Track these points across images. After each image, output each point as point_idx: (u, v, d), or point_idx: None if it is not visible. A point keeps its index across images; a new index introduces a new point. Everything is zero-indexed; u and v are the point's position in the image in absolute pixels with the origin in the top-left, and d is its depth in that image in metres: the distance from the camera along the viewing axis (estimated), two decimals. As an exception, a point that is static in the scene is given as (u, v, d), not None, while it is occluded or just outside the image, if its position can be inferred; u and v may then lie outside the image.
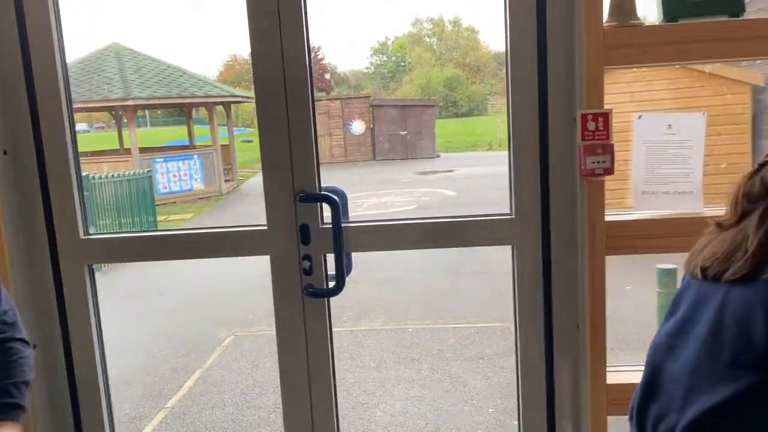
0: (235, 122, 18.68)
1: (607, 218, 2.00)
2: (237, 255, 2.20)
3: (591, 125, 1.95)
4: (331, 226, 2.09)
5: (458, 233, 2.16)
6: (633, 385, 2.09)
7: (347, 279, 2.12)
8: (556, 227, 2.08)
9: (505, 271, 2.23)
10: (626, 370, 2.15)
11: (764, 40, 1.89)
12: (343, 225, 2.09)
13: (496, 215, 2.16)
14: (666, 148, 2.05)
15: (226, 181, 15.53)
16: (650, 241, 2.06)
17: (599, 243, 2.00)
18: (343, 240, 2.08)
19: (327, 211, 2.12)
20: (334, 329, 2.26)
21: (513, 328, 2.24)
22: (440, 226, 2.18)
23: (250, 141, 20.15)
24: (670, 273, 2.85)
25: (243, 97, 17.62)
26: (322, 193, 2.09)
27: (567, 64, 2.00)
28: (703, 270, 1.17)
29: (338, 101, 19.47)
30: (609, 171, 1.96)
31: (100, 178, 9.83)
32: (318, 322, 2.17)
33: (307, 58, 2.06)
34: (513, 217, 2.11)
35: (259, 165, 2.14)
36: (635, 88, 7.95)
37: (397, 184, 12.50)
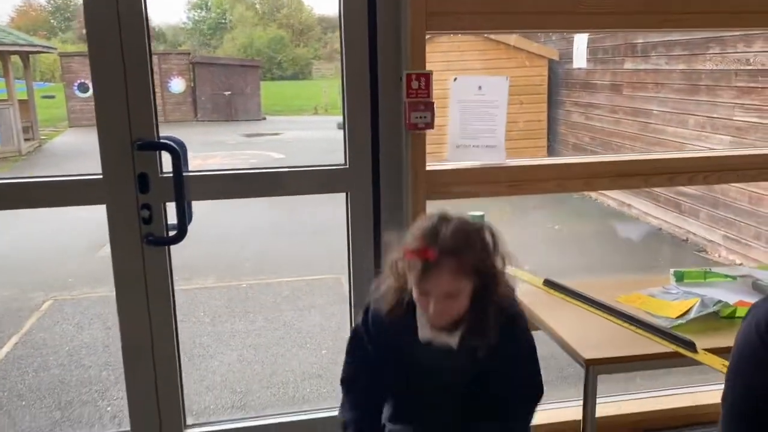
0: (34, 76, 16.83)
1: (428, 167, 2.28)
2: (71, 204, 2.14)
3: (414, 84, 2.19)
4: (171, 175, 2.12)
5: (297, 182, 2.30)
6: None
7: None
8: (385, 175, 2.30)
9: (332, 228, 2.40)
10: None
11: (560, 15, 2.24)
12: (183, 174, 2.13)
13: (332, 165, 2.34)
14: (477, 107, 2.35)
15: (26, 140, 14.04)
16: (463, 187, 2.37)
17: (421, 189, 2.27)
18: (185, 187, 2.12)
19: (167, 160, 2.14)
20: None
21: (344, 279, 2.44)
22: (279, 176, 2.31)
23: (53, 96, 18.27)
24: (478, 219, 3.27)
25: (43, 46, 15.88)
26: (161, 141, 2.11)
27: (394, 28, 2.20)
28: None
29: (155, 56, 18.27)
30: (430, 125, 2.21)
31: None
32: (159, 271, 2.20)
33: (143, 5, 2.05)
34: (347, 166, 2.29)
35: (64, 124, 2.10)
36: (451, 57, 8.52)
37: (222, 146, 12.21)
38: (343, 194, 2.32)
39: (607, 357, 1.62)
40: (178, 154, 2.11)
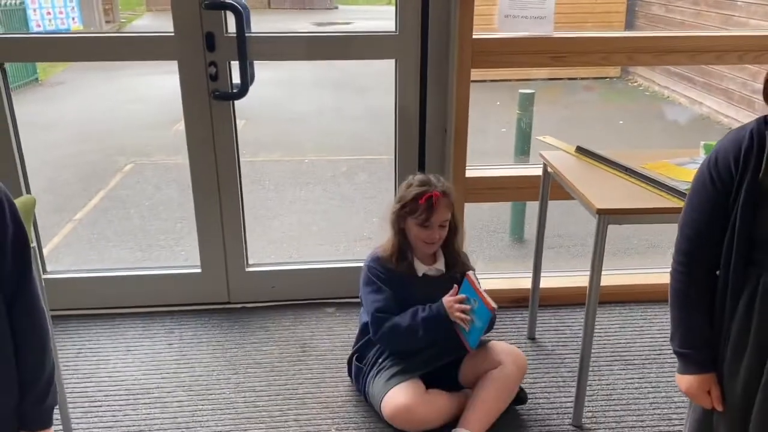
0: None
1: (475, 36, 2.37)
2: (145, 59, 2.39)
3: (465, -49, 2.24)
4: (235, 35, 2.31)
5: (349, 46, 2.45)
6: (486, 178, 2.59)
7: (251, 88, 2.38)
8: (433, 43, 2.41)
9: (388, 113, 2.54)
10: (481, 168, 2.64)
11: None
12: (246, 34, 2.31)
13: (382, 32, 2.46)
14: (526, -21, 2.39)
15: (106, 22, 14.46)
16: (508, 57, 2.46)
17: (466, 57, 2.37)
18: (247, 47, 2.31)
19: (232, 22, 2.32)
20: None
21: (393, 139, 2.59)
22: (333, 40, 2.46)
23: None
24: (529, 97, 3.33)
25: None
26: (227, 1, 2.28)
27: None
28: None
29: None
30: (477, -8, 2.29)
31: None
32: (225, 122, 2.45)
33: None
34: (397, 33, 2.41)
35: (142, 8, 2.27)
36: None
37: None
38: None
39: (616, 208, 1.77)
40: (242, 15, 2.28)
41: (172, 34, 2.33)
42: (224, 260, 2.64)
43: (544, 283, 2.50)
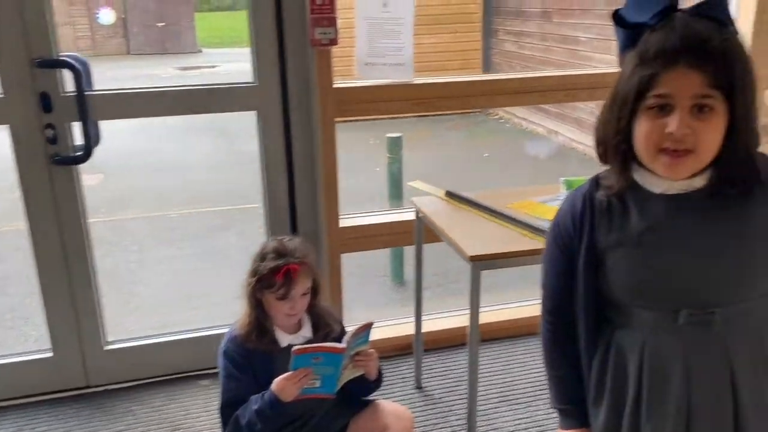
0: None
1: (336, 85, 2.32)
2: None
3: (318, 0, 2.20)
4: (74, 94, 2.11)
5: (207, 100, 2.32)
6: (360, 227, 2.53)
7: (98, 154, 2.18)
8: (293, 93, 2.33)
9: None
10: (354, 217, 2.58)
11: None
12: (87, 93, 2.12)
13: (241, 83, 2.36)
14: (383, 24, 2.39)
15: None
16: (371, 104, 2.44)
17: (328, 107, 2.32)
18: (88, 106, 2.12)
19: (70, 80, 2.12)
20: (90, 220, 2.31)
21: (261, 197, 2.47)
22: (189, 94, 2.31)
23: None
24: (396, 140, 3.35)
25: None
26: (60, 59, 2.08)
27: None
28: None
29: (80, -15, 17.27)
30: (334, 41, 2.25)
31: None
32: (67, 188, 2.21)
33: None
34: (256, 84, 2.32)
35: None
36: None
37: (155, 80, 11.78)
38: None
39: (488, 254, 1.76)
40: (79, 72, 2.09)
41: (2, 95, 2.09)
42: (78, 339, 2.37)
43: (427, 326, 2.46)
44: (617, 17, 1.07)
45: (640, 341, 1.12)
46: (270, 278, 1.75)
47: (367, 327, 1.79)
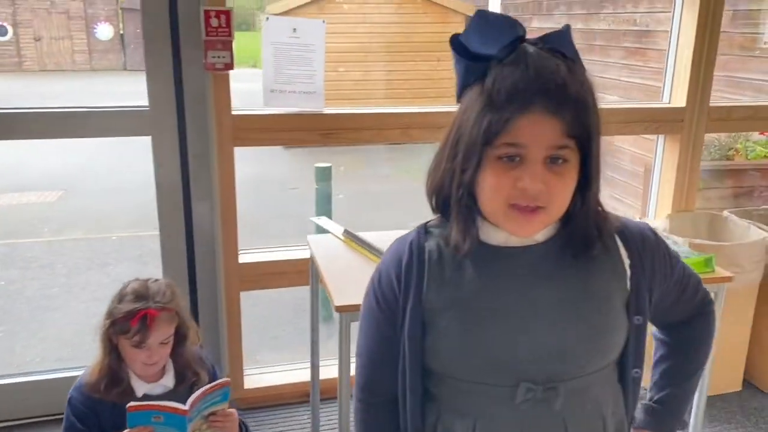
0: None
1: (235, 112, 2.18)
2: None
3: (214, 22, 2.07)
4: None
5: (99, 124, 2.18)
6: (262, 263, 2.36)
7: None
8: (190, 119, 2.19)
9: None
10: (256, 252, 2.42)
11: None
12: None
13: (133, 107, 2.21)
14: (291, 51, 2.26)
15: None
16: (276, 134, 2.29)
17: (226, 134, 2.18)
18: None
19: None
20: (32, 239, 2.15)
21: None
22: (79, 116, 2.17)
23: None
24: (326, 171, 3.21)
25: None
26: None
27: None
28: None
29: (80, 0, 17.35)
30: (229, 66, 2.11)
31: None
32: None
33: None
34: (149, 109, 2.17)
35: None
36: (367, 10, 8.35)
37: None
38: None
39: (354, 304, 1.60)
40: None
41: None
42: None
43: (325, 373, 2.28)
44: (457, 45, 0.90)
45: (471, 424, 0.95)
46: (125, 323, 1.59)
47: (223, 385, 1.63)
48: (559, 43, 0.89)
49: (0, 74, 15.38)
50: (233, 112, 2.17)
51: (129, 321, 1.58)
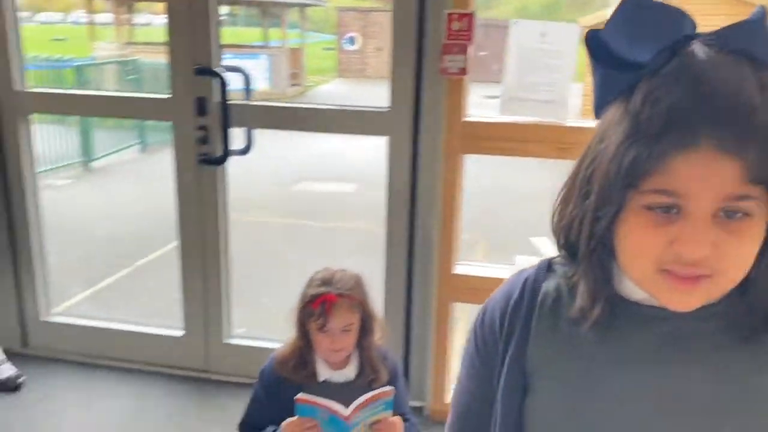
0: (307, 26, 18.55)
1: (466, 119, 2.10)
2: (138, 118, 2.45)
3: (455, 25, 2.02)
4: (233, 102, 2.28)
5: (340, 121, 2.31)
6: (474, 278, 2.25)
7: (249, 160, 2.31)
8: (426, 122, 2.18)
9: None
10: (471, 265, 2.31)
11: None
12: (231, 102, 2.27)
13: (374, 107, 2.29)
14: (538, 57, 2.09)
15: (292, 85, 15.72)
16: (508, 144, 2.14)
17: (456, 141, 2.11)
18: (229, 114, 2.27)
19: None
20: (318, 223, 2.47)
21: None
22: (324, 113, 2.33)
23: (332, 49, 19.99)
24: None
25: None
26: (215, 69, 2.27)
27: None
28: None
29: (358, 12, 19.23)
30: (463, 71, 2.04)
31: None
32: (210, 187, 2.40)
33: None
34: (389, 110, 2.23)
35: (335, 73, 2.36)
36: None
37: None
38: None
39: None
40: (225, 84, 2.25)
41: (170, 95, 2.35)
42: (204, 328, 2.56)
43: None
44: (595, 45, 0.66)
45: None
46: (309, 306, 1.67)
47: (387, 395, 1.58)
48: (748, 40, 0.61)
49: (345, 79, 17.73)
50: (465, 119, 2.09)
51: (311, 304, 1.65)
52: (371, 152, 2.29)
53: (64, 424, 2.25)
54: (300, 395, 1.56)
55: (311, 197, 6.10)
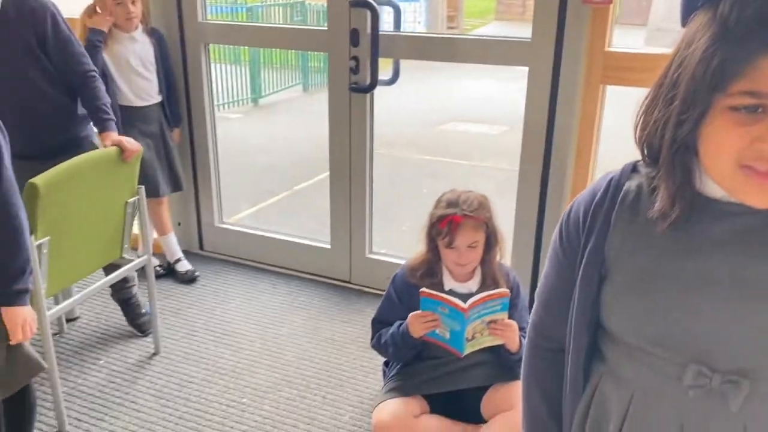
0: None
1: (609, 49, 2.10)
2: (298, 49, 2.68)
3: (602, -48, 2.00)
4: (383, 32, 2.44)
5: (482, 51, 2.39)
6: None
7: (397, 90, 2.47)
8: (567, 53, 2.20)
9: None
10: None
11: None
12: (380, 32, 2.43)
13: (516, 38, 2.34)
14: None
15: (449, 27, 15.60)
16: (650, 75, 2.10)
17: (595, 71, 2.12)
18: (378, 44, 2.43)
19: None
20: (462, 161, 2.64)
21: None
22: (466, 43, 2.42)
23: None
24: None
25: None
26: (368, 0, 2.42)
27: None
28: None
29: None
30: (608, 0, 2.02)
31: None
32: (360, 115, 2.61)
33: None
34: (531, 40, 2.27)
35: (493, 15, 2.53)
36: None
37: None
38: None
39: None
40: (377, 15, 2.41)
41: (326, 29, 2.56)
42: (348, 243, 2.82)
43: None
44: None
45: (628, 397, 0.84)
46: (437, 225, 1.84)
47: (503, 295, 1.72)
48: None
49: (504, 21, 17.29)
50: (608, 49, 2.09)
51: (439, 224, 1.81)
52: (522, 96, 2.35)
53: (230, 312, 2.64)
54: (424, 289, 1.75)
55: (459, 137, 6.20)
